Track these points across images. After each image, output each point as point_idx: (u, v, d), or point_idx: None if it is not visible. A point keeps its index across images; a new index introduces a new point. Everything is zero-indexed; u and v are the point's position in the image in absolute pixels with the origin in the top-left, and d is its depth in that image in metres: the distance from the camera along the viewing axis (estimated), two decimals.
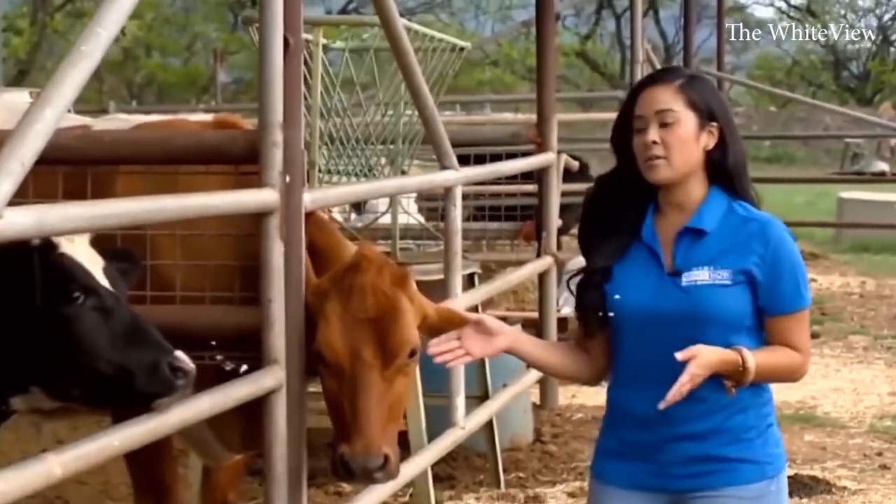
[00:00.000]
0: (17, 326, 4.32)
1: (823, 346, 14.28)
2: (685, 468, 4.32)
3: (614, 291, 4.34)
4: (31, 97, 8.12)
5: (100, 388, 4.51)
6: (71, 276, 4.39)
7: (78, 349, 4.37)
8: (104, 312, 4.42)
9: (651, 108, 4.27)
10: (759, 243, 4.29)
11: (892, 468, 9.41)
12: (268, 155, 5.48)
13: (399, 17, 7.30)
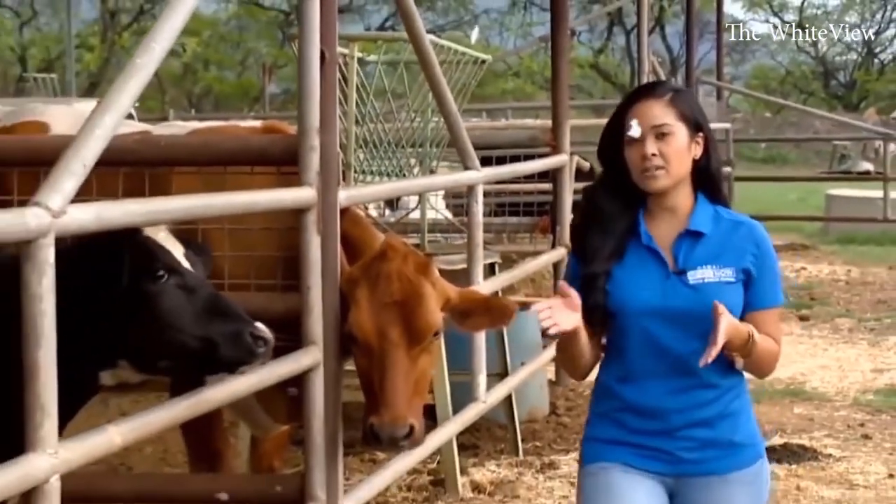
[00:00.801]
0: (107, 304, 4.30)
1: (812, 327, 14.31)
2: (695, 454, 4.22)
3: (620, 292, 4.21)
4: None
5: (186, 359, 4.46)
6: (155, 256, 4.35)
7: (164, 323, 4.32)
8: (187, 289, 4.37)
9: (647, 122, 4.15)
10: (751, 244, 4.24)
11: (873, 438, 9.39)
12: (306, 157, 5.53)
13: (426, 33, 7.33)
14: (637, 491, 4.23)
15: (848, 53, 57.22)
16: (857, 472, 8.49)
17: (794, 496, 7.92)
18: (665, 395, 4.19)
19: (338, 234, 5.79)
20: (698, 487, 4.23)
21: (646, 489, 4.23)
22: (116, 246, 4.27)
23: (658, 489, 4.25)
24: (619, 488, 4.23)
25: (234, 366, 4.48)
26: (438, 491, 8.00)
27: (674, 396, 4.19)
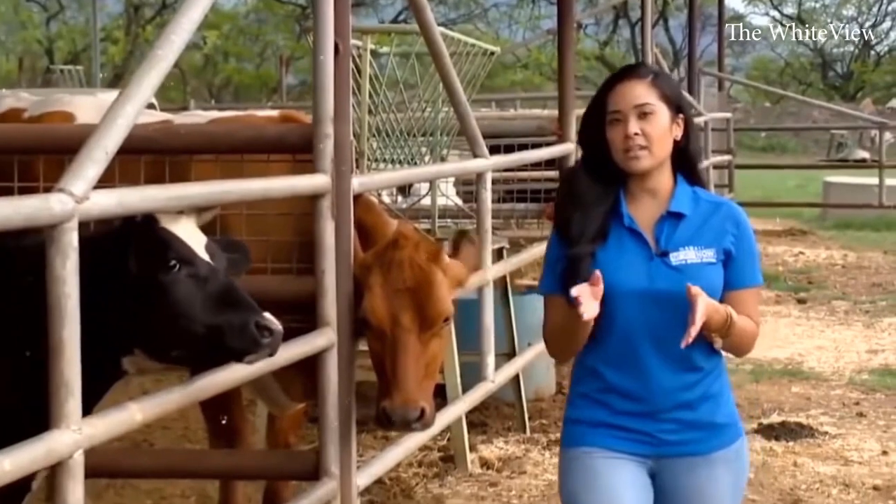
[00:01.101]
0: (121, 293, 4.25)
1: (809, 310, 14.31)
2: (678, 435, 4.11)
3: (605, 274, 3.98)
4: None
5: (195, 350, 4.40)
6: (168, 246, 4.27)
7: (174, 313, 4.25)
8: (198, 279, 4.29)
9: (629, 102, 4.04)
10: (731, 224, 4.14)
11: (867, 416, 9.40)
12: (320, 145, 5.54)
13: (436, 25, 7.33)
14: (619, 477, 4.11)
15: (845, 46, 57.14)
16: (852, 448, 8.50)
17: (791, 472, 7.92)
18: (650, 378, 4.09)
19: (351, 219, 5.80)
20: (682, 468, 4.13)
21: (628, 474, 4.12)
22: (126, 236, 4.25)
23: (640, 472, 4.14)
24: (601, 475, 4.11)
25: (240, 355, 4.44)
26: (448, 467, 8.03)
27: (658, 379, 4.08)
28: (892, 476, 7.86)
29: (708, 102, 21.24)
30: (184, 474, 6.90)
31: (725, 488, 4.16)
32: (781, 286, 15.94)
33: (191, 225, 4.43)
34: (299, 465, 5.98)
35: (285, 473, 6.29)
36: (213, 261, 4.38)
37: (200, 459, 6.65)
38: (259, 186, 5.36)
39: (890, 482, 7.72)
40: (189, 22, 4.69)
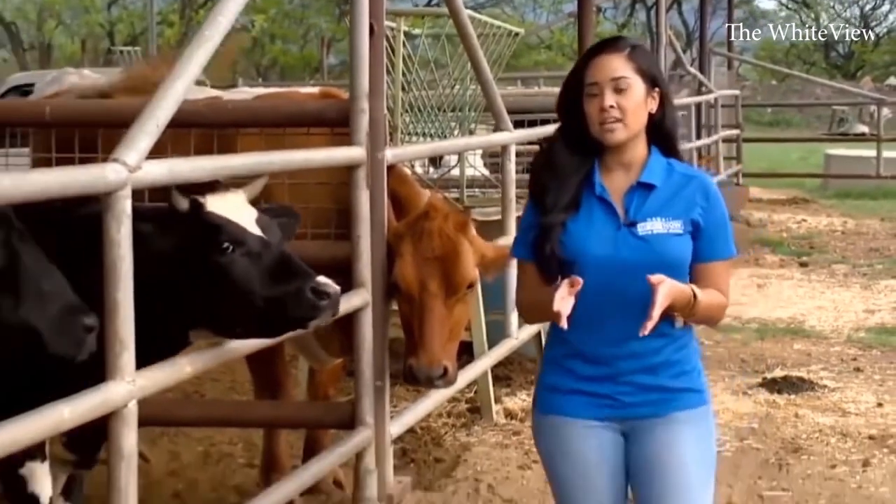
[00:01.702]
0: (183, 276, 4.20)
1: (811, 273, 14.25)
2: (638, 397, 3.88)
3: (573, 243, 3.85)
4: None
5: (258, 324, 4.35)
6: (220, 229, 4.19)
7: (232, 292, 4.19)
8: (252, 256, 4.21)
9: (606, 75, 3.80)
10: (701, 196, 3.88)
11: (864, 370, 9.36)
12: (356, 119, 5.57)
13: (465, 9, 7.33)
14: (588, 444, 3.93)
15: (846, 27, 56.92)
16: (849, 401, 8.46)
17: (793, 422, 7.89)
18: (613, 342, 3.87)
19: (385, 188, 5.83)
20: (645, 430, 3.91)
21: (596, 441, 3.93)
22: (180, 224, 4.21)
23: (609, 436, 3.94)
24: (571, 447, 3.94)
25: (302, 322, 4.40)
26: (475, 417, 8.03)
27: (621, 344, 3.86)
28: (886, 426, 7.83)
29: (718, 80, 21.14)
30: (231, 423, 6.92)
31: (689, 448, 3.91)
32: (785, 251, 15.87)
33: (240, 200, 4.36)
34: (337, 416, 6.01)
35: (324, 423, 6.31)
36: (266, 233, 4.29)
37: (247, 410, 6.69)
38: (300, 157, 5.38)
39: (884, 432, 7.70)
40: (235, 4, 4.69)
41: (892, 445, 7.45)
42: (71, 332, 3.49)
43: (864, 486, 6.75)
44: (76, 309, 3.48)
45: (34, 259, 3.48)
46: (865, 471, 7.01)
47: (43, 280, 3.46)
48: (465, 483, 6.61)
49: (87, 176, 3.79)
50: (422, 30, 8.41)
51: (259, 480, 6.60)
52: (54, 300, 3.46)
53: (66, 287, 3.51)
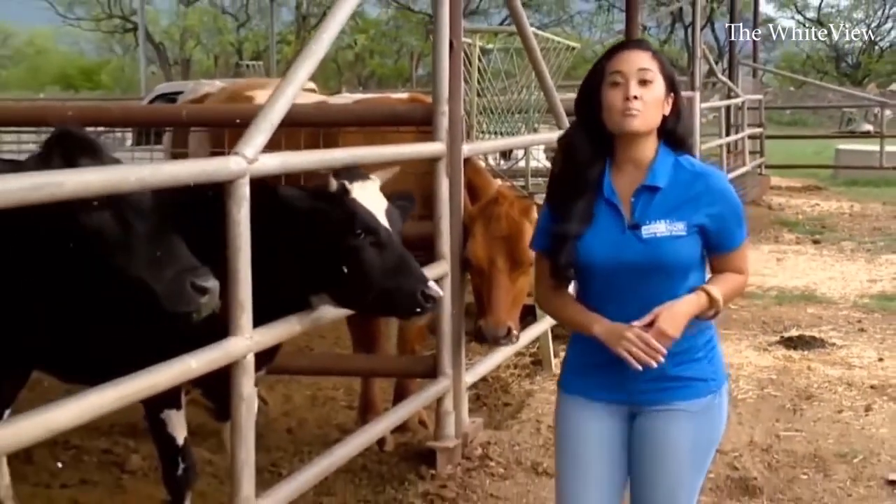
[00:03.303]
0: (318, 251, 4.18)
1: (823, 248, 14.07)
2: (643, 385, 3.42)
3: (583, 247, 3.39)
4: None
5: (371, 304, 4.32)
6: (356, 216, 4.16)
7: (357, 273, 4.16)
8: (379, 246, 4.17)
9: (633, 66, 3.33)
10: (708, 196, 3.38)
11: (867, 331, 9.22)
12: (438, 120, 5.58)
13: (531, 28, 7.30)
14: (590, 421, 3.50)
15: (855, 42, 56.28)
16: (854, 356, 8.35)
17: (806, 374, 7.79)
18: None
19: (461, 177, 5.85)
20: (649, 416, 3.47)
21: (602, 420, 3.50)
22: (327, 206, 4.17)
23: (615, 419, 3.50)
24: (579, 420, 3.52)
25: (407, 315, 4.39)
26: (537, 368, 8.00)
27: None
28: (886, 377, 7.72)
29: (745, 87, 20.90)
30: (335, 372, 6.95)
31: (684, 441, 3.46)
32: (800, 230, 15.68)
33: (376, 188, 4.30)
34: (422, 367, 6.02)
35: (411, 373, 6.32)
36: (391, 223, 4.25)
37: (347, 361, 6.71)
38: (391, 151, 5.36)
39: (884, 382, 7.59)
40: (336, 23, 4.69)
41: (891, 394, 7.35)
42: (183, 292, 3.48)
43: (866, 428, 6.66)
44: (188, 271, 3.47)
45: (150, 229, 3.47)
46: (867, 415, 6.92)
47: (159, 247, 3.45)
48: (528, 423, 6.58)
49: (212, 166, 3.83)
50: (494, 45, 8.35)
51: (357, 420, 6.62)
52: (169, 264, 3.45)
53: (182, 253, 3.50)
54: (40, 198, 2.75)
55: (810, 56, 56.23)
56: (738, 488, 5.66)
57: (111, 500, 5.63)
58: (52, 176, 2.82)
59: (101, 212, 3.47)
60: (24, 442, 2.90)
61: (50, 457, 6.15)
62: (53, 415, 2.95)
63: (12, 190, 2.65)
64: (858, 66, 54.92)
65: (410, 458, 6.02)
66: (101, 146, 3.58)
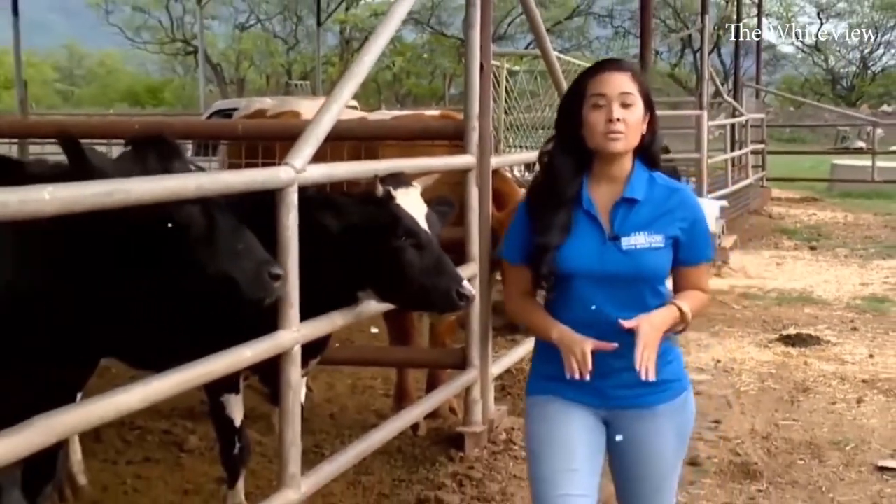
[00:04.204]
0: (365, 251, 4.17)
1: (819, 254, 13.97)
2: (621, 391, 3.23)
3: (562, 257, 3.20)
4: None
5: (410, 301, 4.32)
6: (399, 220, 4.15)
7: (399, 272, 4.15)
8: (419, 248, 4.14)
9: (615, 90, 3.15)
10: (682, 210, 3.22)
11: (859, 330, 9.15)
12: (469, 135, 5.57)
13: (553, 51, 7.28)
14: (571, 420, 3.28)
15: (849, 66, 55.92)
16: (847, 353, 8.30)
17: (803, 369, 7.75)
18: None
19: (490, 186, 5.81)
20: (630, 418, 3.27)
21: (580, 419, 3.28)
22: (373, 210, 4.17)
23: (592, 419, 3.29)
24: (555, 418, 3.29)
25: (442, 312, 4.40)
26: None
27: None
28: (876, 372, 7.67)
29: (748, 107, 20.79)
30: (373, 363, 6.96)
31: (669, 440, 3.32)
32: (799, 237, 15.58)
33: (417, 195, 4.28)
34: (452, 359, 6.01)
35: (442, 364, 6.32)
36: (430, 226, 4.24)
37: (385, 353, 6.72)
38: (426, 163, 5.38)
39: (875, 377, 7.54)
40: (377, 47, 4.70)
41: (881, 387, 7.30)
42: (261, 280, 3.49)
43: (857, 419, 6.61)
44: (265, 262, 3.49)
45: (230, 225, 3.49)
46: (859, 407, 6.87)
47: (238, 241, 3.47)
48: None
49: (264, 176, 3.84)
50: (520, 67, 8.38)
51: (393, 406, 6.62)
52: (248, 256, 3.46)
53: (257, 246, 3.53)
54: (111, 203, 2.77)
55: (808, 79, 56.02)
56: (741, 472, 5.64)
57: (171, 476, 5.67)
58: (121, 184, 2.85)
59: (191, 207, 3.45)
60: (95, 422, 2.93)
61: (117, 436, 6.20)
62: (122, 398, 2.97)
63: (87, 195, 2.68)
64: (852, 89, 54.69)
65: (441, 442, 6.03)
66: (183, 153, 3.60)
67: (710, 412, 6.70)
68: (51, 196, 2.47)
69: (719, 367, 7.85)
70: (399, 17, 4.93)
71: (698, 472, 5.63)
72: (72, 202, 2.59)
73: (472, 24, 5.58)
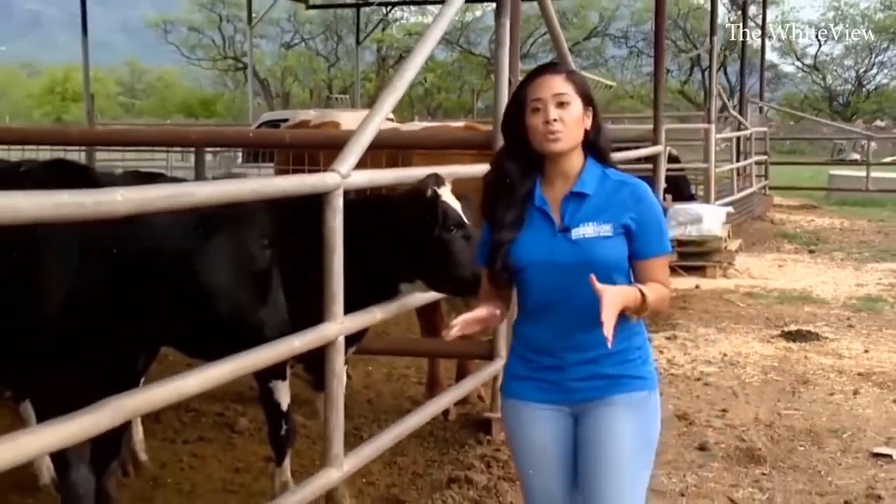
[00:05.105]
0: (418, 244, 4.19)
1: (817, 257, 13.86)
2: (581, 384, 3.05)
3: (517, 251, 3.06)
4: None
5: (461, 288, 4.26)
6: (449, 214, 4.15)
7: (451, 261, 4.15)
8: (466, 239, 4.14)
9: (549, 92, 3.01)
10: (633, 201, 3.03)
11: (855, 327, 9.08)
12: (497, 144, 5.48)
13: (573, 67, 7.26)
14: (539, 427, 3.10)
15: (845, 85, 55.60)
16: (844, 348, 8.23)
17: (803, 363, 7.70)
18: (554, 336, 3.05)
19: None
20: (588, 411, 3.06)
21: (547, 424, 3.10)
22: (425, 209, 4.17)
23: (559, 420, 3.10)
24: (527, 427, 3.13)
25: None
26: None
27: (562, 337, 3.03)
28: (871, 366, 7.61)
29: (752, 121, 20.70)
30: (406, 353, 6.97)
31: (624, 428, 3.05)
32: (798, 241, 15.46)
33: (450, 191, 4.28)
34: (480, 350, 6.00)
35: (471, 355, 6.31)
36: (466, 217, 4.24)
37: (417, 344, 6.73)
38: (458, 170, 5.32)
39: (870, 370, 7.48)
40: (414, 66, 4.69)
41: (876, 380, 7.25)
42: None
43: (854, 409, 6.56)
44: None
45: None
46: (855, 397, 6.82)
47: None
48: None
49: (313, 181, 3.85)
50: None
51: (425, 393, 6.63)
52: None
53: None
54: (177, 204, 2.79)
55: (807, 96, 55.71)
56: (746, 457, 5.61)
57: (223, 455, 5.69)
58: (185, 187, 2.86)
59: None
60: (159, 404, 2.94)
61: (174, 418, 6.24)
62: (184, 382, 2.99)
63: (156, 198, 2.70)
64: (848, 105, 54.37)
65: (470, 426, 6.03)
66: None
67: (718, 402, 6.67)
68: (122, 198, 2.48)
69: (726, 360, 7.81)
70: (435, 37, 4.92)
71: (707, 457, 5.61)
72: (141, 204, 2.61)
73: (501, 42, 5.57)
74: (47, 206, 2.30)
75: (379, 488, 5.18)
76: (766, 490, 5.16)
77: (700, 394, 6.89)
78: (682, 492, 5.10)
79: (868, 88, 55.57)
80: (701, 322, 9.13)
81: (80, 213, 2.38)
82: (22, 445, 2.29)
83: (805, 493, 5.12)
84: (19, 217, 2.22)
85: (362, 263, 4.08)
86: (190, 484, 5.24)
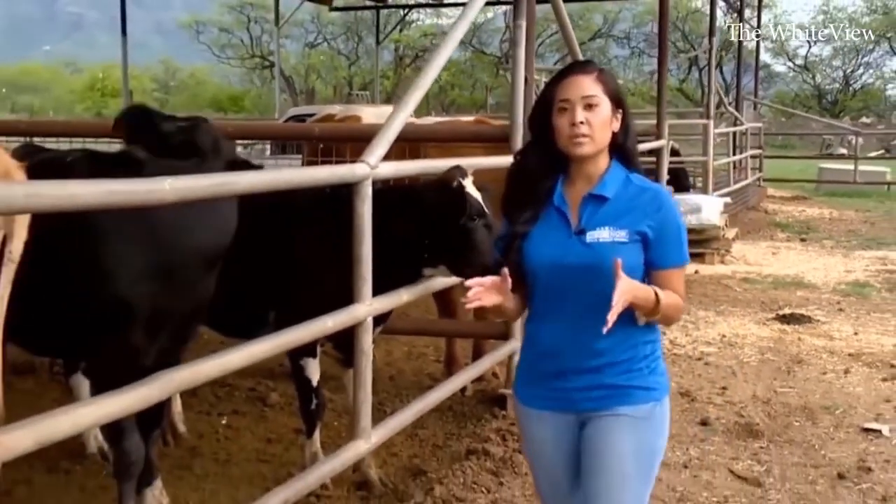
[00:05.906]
0: (442, 231, 4.19)
1: (808, 245, 13.81)
2: (585, 394, 2.81)
3: (530, 249, 2.83)
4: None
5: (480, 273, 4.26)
6: (471, 203, 4.15)
7: (473, 248, 4.15)
8: (487, 228, 4.14)
9: (577, 93, 2.77)
10: (652, 209, 2.78)
11: (845, 310, 9.04)
12: (514, 137, 5.50)
13: None
14: (545, 433, 2.90)
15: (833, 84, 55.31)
16: (834, 330, 8.20)
17: (797, 344, 7.68)
18: (560, 339, 2.82)
19: None
20: (592, 421, 2.83)
21: (552, 430, 2.90)
22: (451, 198, 4.16)
23: (564, 426, 2.88)
24: (532, 432, 2.94)
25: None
26: None
27: (567, 341, 2.80)
28: (860, 347, 7.58)
29: (747, 117, 20.60)
30: (425, 333, 6.97)
31: (627, 444, 2.81)
32: (791, 230, 15.41)
33: (470, 182, 4.26)
34: (495, 330, 5.98)
35: (486, 335, 6.31)
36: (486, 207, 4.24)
37: (435, 325, 6.72)
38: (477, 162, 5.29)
39: (859, 351, 7.45)
40: (435, 68, 4.69)
41: (865, 360, 7.22)
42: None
43: (845, 387, 6.54)
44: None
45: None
46: (846, 376, 6.79)
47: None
48: None
49: (343, 171, 3.84)
50: None
51: (444, 371, 6.63)
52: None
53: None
54: (222, 192, 2.79)
55: (798, 94, 55.48)
56: (744, 431, 5.60)
57: (256, 427, 5.70)
58: (229, 177, 2.86)
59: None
60: (203, 379, 2.96)
61: (210, 392, 6.25)
62: (227, 358, 2.99)
63: (201, 187, 2.70)
64: (836, 103, 54.15)
65: (486, 402, 6.02)
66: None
67: (718, 380, 6.65)
68: (170, 187, 2.48)
69: (724, 341, 7.79)
70: (456, 39, 4.91)
71: (708, 431, 5.60)
72: (188, 191, 2.61)
73: (517, 42, 5.54)
74: (101, 193, 2.30)
75: (401, 459, 5.18)
76: (763, 462, 5.15)
77: (701, 372, 6.87)
78: (685, 464, 5.10)
79: (855, 87, 55.35)
80: (701, 305, 9.11)
81: (132, 200, 2.39)
82: (80, 416, 2.30)
83: (800, 466, 5.11)
84: (77, 203, 2.22)
85: (389, 249, 4.09)
86: (225, 453, 5.26)
